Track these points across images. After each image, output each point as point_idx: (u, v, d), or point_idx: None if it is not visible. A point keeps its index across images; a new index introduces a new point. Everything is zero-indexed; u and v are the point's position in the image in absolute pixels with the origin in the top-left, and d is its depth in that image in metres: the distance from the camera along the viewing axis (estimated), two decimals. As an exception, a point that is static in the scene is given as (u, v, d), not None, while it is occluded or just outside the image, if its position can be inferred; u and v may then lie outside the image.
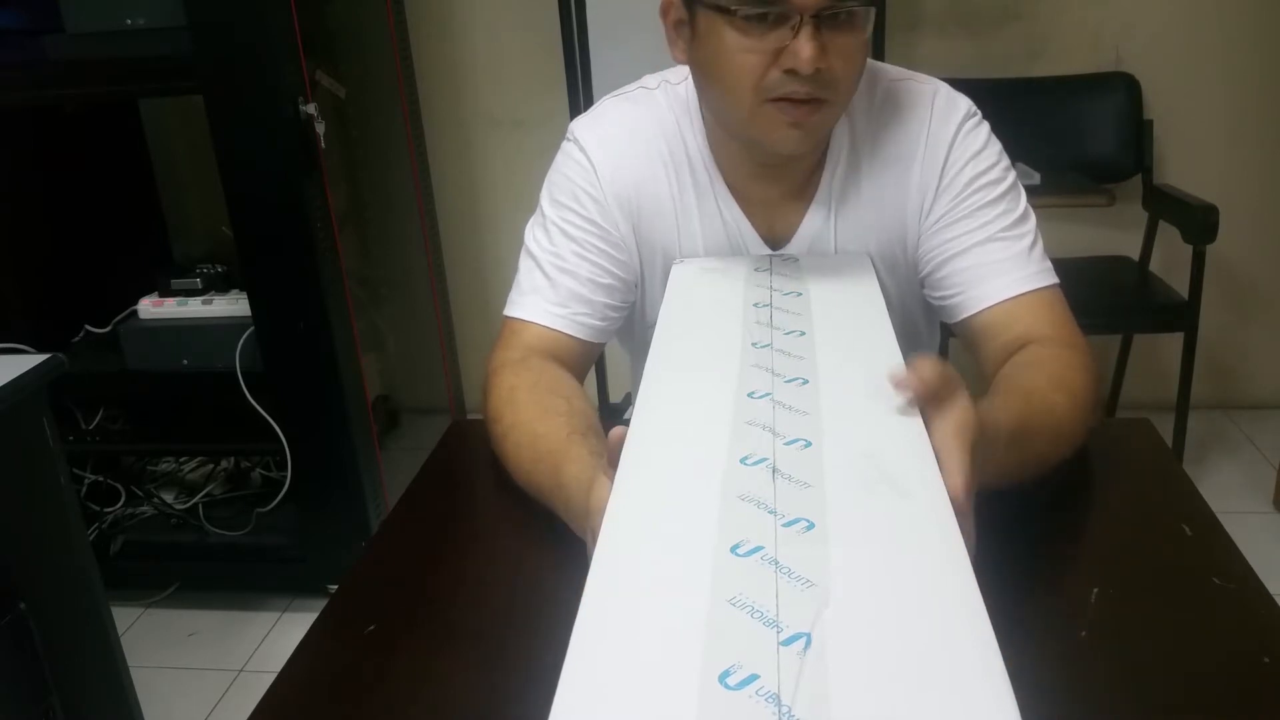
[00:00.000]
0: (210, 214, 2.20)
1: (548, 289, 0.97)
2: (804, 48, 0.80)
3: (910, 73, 0.98)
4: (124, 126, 2.31)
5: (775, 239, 0.99)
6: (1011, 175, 0.95)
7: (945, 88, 0.97)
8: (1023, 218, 0.94)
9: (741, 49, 0.83)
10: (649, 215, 0.98)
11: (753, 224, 0.98)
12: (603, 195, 0.97)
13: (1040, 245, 0.94)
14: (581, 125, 1.01)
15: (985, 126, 0.96)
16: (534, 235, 1.01)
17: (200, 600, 2.10)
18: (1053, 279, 0.93)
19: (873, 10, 0.82)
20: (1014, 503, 0.81)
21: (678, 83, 0.99)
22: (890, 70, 0.98)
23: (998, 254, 0.92)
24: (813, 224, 0.98)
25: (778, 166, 0.94)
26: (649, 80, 1.02)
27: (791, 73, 0.81)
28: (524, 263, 1.00)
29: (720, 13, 0.82)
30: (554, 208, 0.99)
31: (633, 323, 1.06)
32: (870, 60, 0.98)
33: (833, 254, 0.98)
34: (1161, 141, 2.32)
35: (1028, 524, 0.77)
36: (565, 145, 1.01)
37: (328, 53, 1.94)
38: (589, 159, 0.97)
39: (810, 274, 0.88)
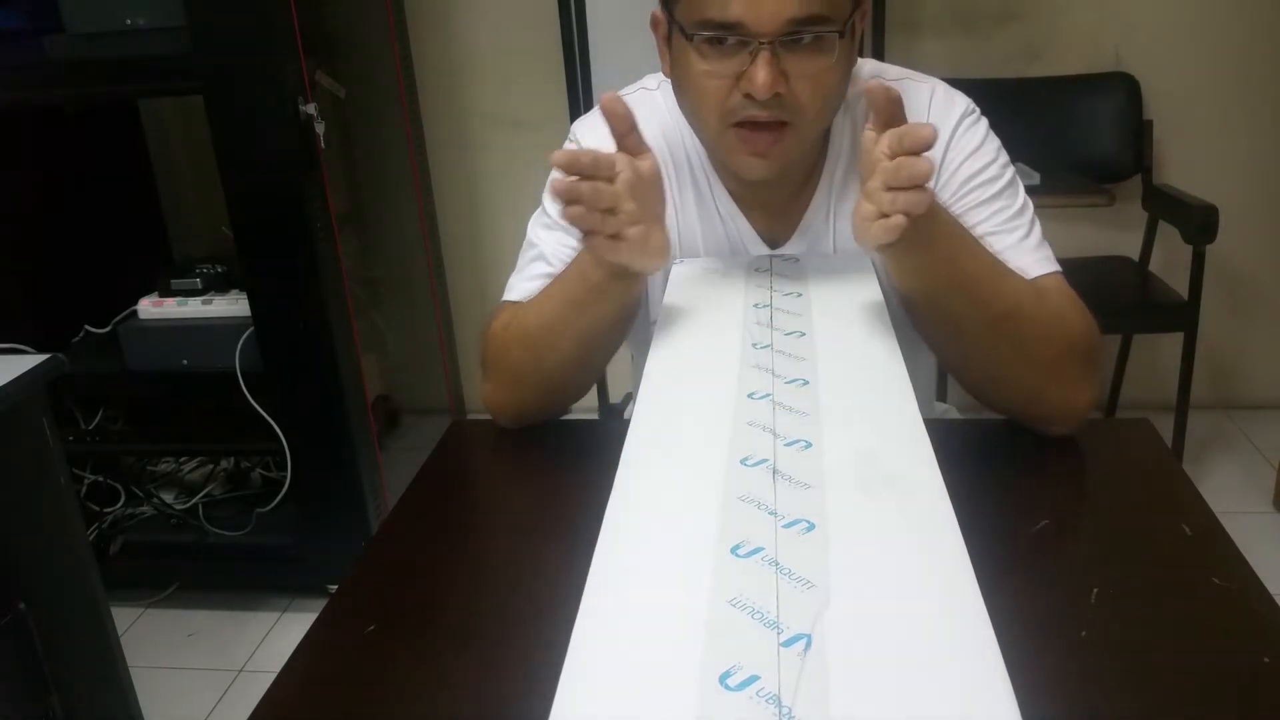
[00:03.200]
0: (210, 214, 2.20)
1: (551, 277, 0.98)
2: (759, 73, 0.80)
3: (909, 71, 0.98)
4: (124, 126, 2.31)
5: (774, 238, 0.99)
6: (1010, 171, 0.95)
7: (943, 86, 0.97)
8: (1020, 211, 0.94)
9: (704, 73, 0.84)
10: None
11: (751, 223, 0.98)
12: None
13: (1037, 235, 0.93)
14: (582, 125, 1.02)
15: (983, 123, 0.96)
16: (537, 230, 1.01)
17: (200, 600, 2.10)
18: (1053, 266, 0.92)
19: (837, 37, 0.82)
20: (1014, 502, 0.81)
21: None
22: (889, 69, 0.98)
23: (994, 246, 0.92)
24: (812, 223, 0.98)
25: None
26: (649, 80, 1.03)
27: (751, 97, 0.82)
28: (527, 252, 1.01)
29: (684, 36, 0.83)
30: (555, 204, 0.99)
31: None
32: (869, 59, 0.98)
33: (833, 254, 0.98)
34: (1161, 141, 2.32)
35: (1028, 524, 0.77)
36: (566, 145, 1.01)
37: (328, 53, 1.94)
38: None
39: (810, 274, 0.88)
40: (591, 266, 0.86)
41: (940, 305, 0.83)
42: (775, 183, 0.94)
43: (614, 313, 0.89)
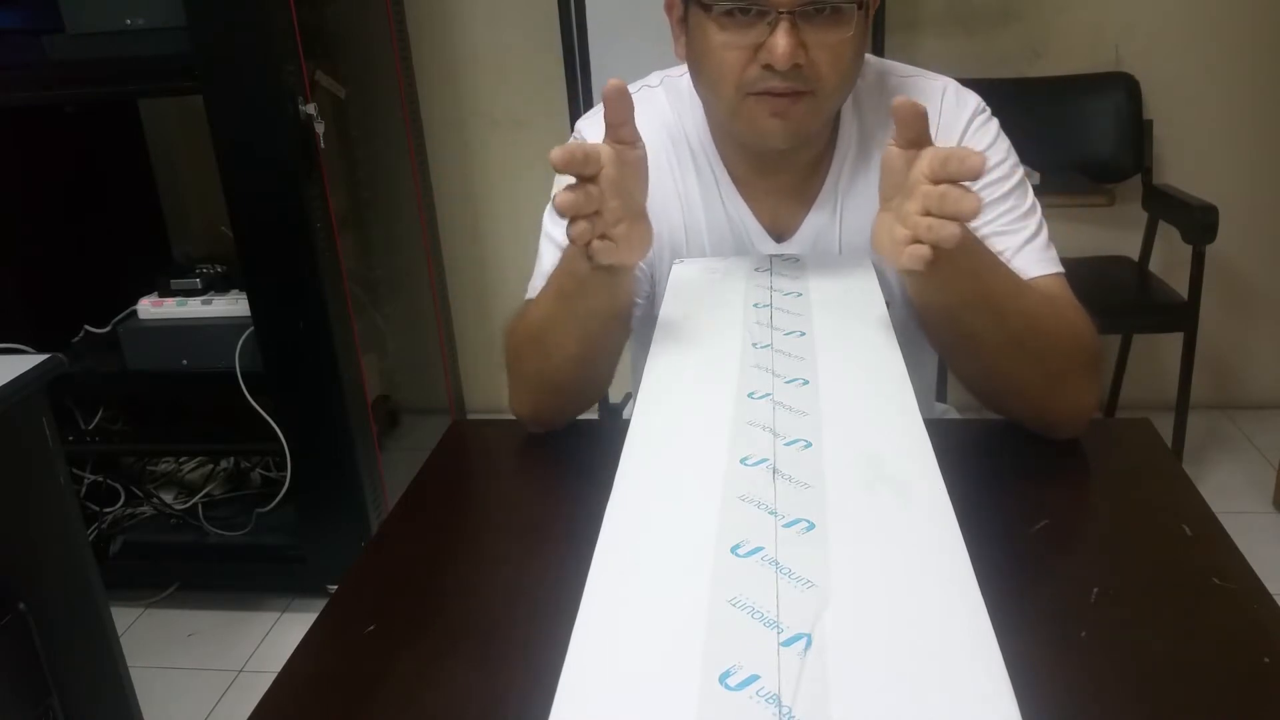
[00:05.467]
0: (210, 214, 2.20)
1: None
2: (779, 43, 0.80)
3: (920, 70, 0.99)
4: (124, 126, 2.31)
5: (779, 232, 0.99)
6: (1019, 171, 0.96)
7: (954, 84, 0.97)
8: (1029, 212, 0.94)
9: (722, 45, 0.84)
10: (653, 210, 0.99)
11: (757, 217, 0.98)
12: None
13: (1044, 236, 0.94)
14: (586, 123, 1.02)
15: (994, 123, 0.97)
16: (548, 229, 1.01)
17: (200, 600, 2.10)
18: (1056, 267, 0.93)
19: (856, 8, 0.82)
20: (1014, 502, 0.81)
21: (679, 75, 0.99)
22: (900, 67, 0.99)
23: (999, 245, 0.92)
24: (818, 218, 0.98)
25: (780, 159, 0.94)
26: (651, 78, 1.03)
27: (770, 68, 0.82)
28: (545, 246, 1.01)
29: (702, 9, 0.83)
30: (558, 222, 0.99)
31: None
32: (881, 58, 0.98)
33: (834, 254, 0.98)
34: (1161, 141, 2.32)
35: (1028, 524, 0.77)
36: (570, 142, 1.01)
37: (328, 53, 1.94)
38: None
39: (811, 274, 0.88)
40: (576, 259, 0.84)
41: (960, 320, 0.83)
42: (784, 163, 0.94)
43: (606, 305, 0.87)
